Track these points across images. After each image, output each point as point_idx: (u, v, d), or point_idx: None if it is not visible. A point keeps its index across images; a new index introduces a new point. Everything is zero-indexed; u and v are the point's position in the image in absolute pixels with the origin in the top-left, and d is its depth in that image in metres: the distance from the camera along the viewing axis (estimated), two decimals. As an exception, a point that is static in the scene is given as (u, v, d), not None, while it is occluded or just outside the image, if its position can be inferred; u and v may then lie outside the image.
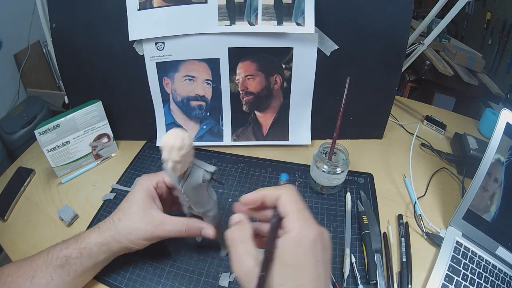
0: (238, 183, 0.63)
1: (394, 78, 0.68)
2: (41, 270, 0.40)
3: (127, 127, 0.72)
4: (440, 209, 0.60)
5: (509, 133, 0.51)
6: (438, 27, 0.69)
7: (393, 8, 0.60)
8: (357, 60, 0.65)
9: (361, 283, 0.47)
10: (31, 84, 1.43)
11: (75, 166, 0.67)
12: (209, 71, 0.65)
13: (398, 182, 0.65)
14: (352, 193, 0.60)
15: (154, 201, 0.44)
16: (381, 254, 0.50)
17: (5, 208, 0.58)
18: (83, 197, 0.61)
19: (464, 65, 1.37)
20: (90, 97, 0.65)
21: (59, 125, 0.61)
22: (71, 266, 0.41)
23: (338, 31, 0.62)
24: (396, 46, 0.64)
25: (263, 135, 0.71)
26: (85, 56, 0.64)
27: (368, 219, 0.55)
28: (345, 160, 0.58)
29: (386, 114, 0.73)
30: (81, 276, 0.42)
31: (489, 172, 0.51)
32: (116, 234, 0.42)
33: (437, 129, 0.79)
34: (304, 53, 0.63)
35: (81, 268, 0.41)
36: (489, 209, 0.52)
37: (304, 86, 0.66)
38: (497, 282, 0.48)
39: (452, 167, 0.69)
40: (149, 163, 0.68)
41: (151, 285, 0.47)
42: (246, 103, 0.68)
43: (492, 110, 0.80)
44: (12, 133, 1.16)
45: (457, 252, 0.50)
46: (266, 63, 0.64)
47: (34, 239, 0.54)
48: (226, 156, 0.69)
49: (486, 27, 1.47)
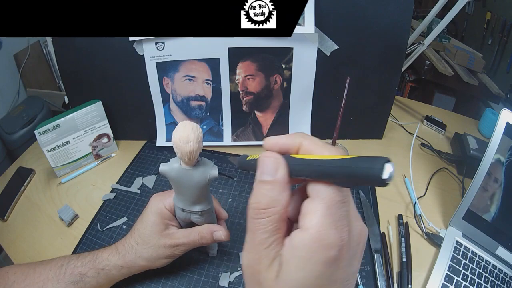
0: (238, 183, 0.63)
1: (394, 78, 0.68)
2: (51, 284, 0.39)
3: (127, 127, 0.72)
4: (440, 209, 0.60)
5: (509, 133, 0.51)
6: (438, 27, 0.69)
7: (393, 8, 0.60)
8: (357, 60, 0.65)
9: (361, 283, 0.47)
10: (31, 84, 1.43)
11: (75, 166, 0.67)
12: (209, 71, 0.65)
13: (398, 182, 0.65)
14: (352, 193, 0.60)
15: (169, 221, 0.44)
16: (381, 254, 0.50)
17: (5, 208, 0.58)
18: (83, 197, 0.61)
19: (464, 65, 1.37)
20: (90, 97, 0.65)
21: (59, 125, 0.61)
22: (85, 284, 0.40)
23: (338, 31, 0.62)
24: (396, 46, 0.64)
25: (263, 135, 0.71)
26: (85, 56, 0.64)
27: (368, 219, 0.55)
28: (345, 160, 0.58)
29: (386, 114, 0.73)
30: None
31: (489, 172, 0.51)
32: (137, 259, 0.42)
33: (437, 129, 0.79)
34: (304, 53, 0.63)
35: (96, 286, 0.41)
36: (489, 209, 0.52)
37: (304, 86, 0.66)
38: (497, 282, 0.48)
39: (452, 167, 0.69)
40: (149, 163, 0.68)
41: (151, 285, 0.47)
42: (246, 103, 0.68)
43: (492, 110, 0.80)
44: (12, 133, 1.16)
45: (457, 252, 0.50)
46: (266, 63, 0.64)
47: (34, 239, 0.54)
48: (226, 156, 0.69)
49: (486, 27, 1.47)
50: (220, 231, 0.43)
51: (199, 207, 0.41)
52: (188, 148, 0.34)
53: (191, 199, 0.40)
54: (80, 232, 0.54)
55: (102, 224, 0.55)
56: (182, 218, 0.44)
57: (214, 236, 0.43)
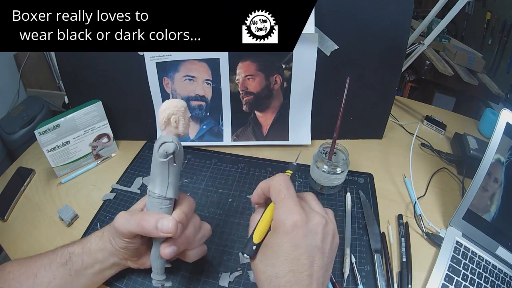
0: (238, 183, 0.63)
1: (394, 78, 0.68)
2: (44, 269, 0.40)
3: (127, 127, 0.72)
4: (440, 209, 0.60)
5: (509, 133, 0.51)
6: (438, 27, 0.69)
7: (393, 8, 0.60)
8: (357, 60, 0.65)
9: (361, 283, 0.47)
10: (31, 84, 1.43)
11: (75, 166, 0.67)
12: (209, 71, 0.65)
13: (398, 182, 0.65)
14: (352, 193, 0.60)
15: None
16: (381, 254, 0.50)
17: (5, 208, 0.58)
18: (83, 197, 0.61)
19: (464, 65, 1.37)
20: (90, 97, 0.65)
21: (59, 125, 0.61)
22: (73, 264, 0.40)
23: (338, 31, 0.62)
24: (396, 46, 0.64)
25: (263, 135, 0.71)
26: (85, 56, 0.64)
27: (368, 219, 0.55)
28: (345, 160, 0.58)
29: (386, 114, 0.73)
30: (81, 277, 0.41)
31: (489, 172, 0.51)
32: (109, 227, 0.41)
33: (437, 129, 0.79)
34: (304, 53, 0.63)
35: (82, 268, 0.41)
36: (489, 209, 0.52)
37: (304, 86, 0.66)
38: (497, 282, 0.48)
39: (452, 167, 0.69)
40: (149, 163, 0.67)
41: (151, 285, 0.47)
42: (246, 103, 0.68)
43: (492, 110, 0.80)
44: (12, 133, 1.15)
45: (457, 252, 0.50)
46: (266, 63, 0.64)
47: (34, 239, 0.54)
48: (226, 156, 0.69)
49: (486, 27, 1.47)
50: (168, 220, 0.37)
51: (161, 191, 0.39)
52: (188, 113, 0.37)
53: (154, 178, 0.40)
54: (80, 232, 0.54)
55: (102, 224, 0.55)
56: None
57: (159, 224, 0.36)
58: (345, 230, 0.54)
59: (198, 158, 0.68)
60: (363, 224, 0.55)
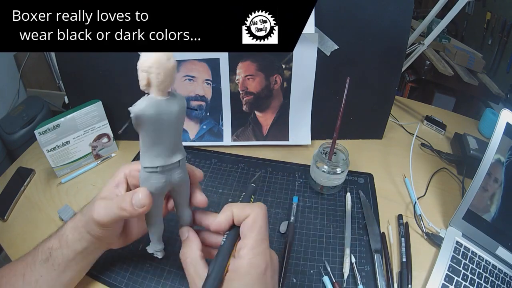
0: (238, 183, 0.63)
1: (394, 78, 0.68)
2: (30, 268, 0.39)
3: (127, 127, 0.72)
4: (440, 209, 0.60)
5: (509, 133, 0.51)
6: (438, 27, 0.69)
7: (393, 8, 0.60)
8: (357, 60, 0.65)
9: (361, 283, 0.47)
10: (31, 84, 1.43)
11: (75, 166, 0.67)
12: (209, 71, 0.65)
13: (398, 182, 0.65)
14: (352, 193, 0.60)
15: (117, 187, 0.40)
16: (381, 254, 0.50)
17: (5, 208, 0.58)
18: (83, 197, 0.61)
19: (464, 65, 1.37)
20: (90, 97, 0.65)
21: (59, 125, 0.61)
22: (54, 259, 0.39)
23: (338, 31, 0.62)
24: (396, 46, 0.64)
25: (263, 135, 0.71)
26: (85, 56, 0.64)
27: (368, 219, 0.55)
28: (345, 160, 0.58)
29: (386, 114, 0.73)
30: (66, 270, 0.40)
31: (489, 172, 0.51)
32: (83, 218, 0.40)
33: (437, 129, 0.79)
34: (304, 53, 0.63)
35: (64, 261, 0.40)
36: (489, 209, 0.52)
37: (304, 86, 0.66)
38: (497, 282, 0.48)
39: (452, 167, 0.69)
40: (149, 163, 0.68)
41: (151, 285, 0.47)
42: (246, 103, 0.68)
43: (492, 110, 0.80)
44: (12, 133, 1.15)
45: (457, 252, 0.50)
46: (266, 63, 0.64)
47: (34, 239, 0.54)
48: (226, 156, 0.69)
49: (486, 27, 1.47)
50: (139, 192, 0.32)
51: (180, 154, 0.34)
52: (171, 63, 0.30)
53: (171, 145, 0.33)
54: (80, 232, 0.54)
55: (102, 224, 0.55)
56: (160, 187, 0.33)
57: (134, 199, 0.32)
58: (345, 230, 0.54)
59: (198, 158, 0.68)
60: (363, 224, 0.55)
